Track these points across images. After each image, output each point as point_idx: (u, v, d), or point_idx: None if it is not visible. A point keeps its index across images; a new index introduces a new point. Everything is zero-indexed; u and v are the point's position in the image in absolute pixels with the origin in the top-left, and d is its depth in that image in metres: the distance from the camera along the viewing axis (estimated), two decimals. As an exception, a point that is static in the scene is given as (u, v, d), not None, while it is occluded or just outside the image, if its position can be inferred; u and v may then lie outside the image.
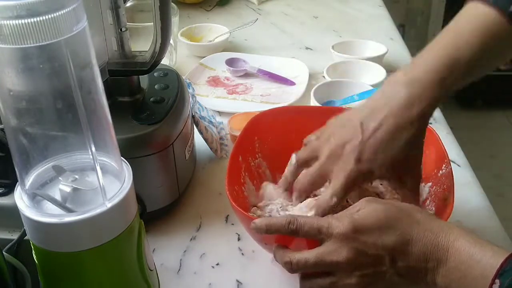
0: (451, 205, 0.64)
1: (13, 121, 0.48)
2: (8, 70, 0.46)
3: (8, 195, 0.66)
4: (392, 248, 0.55)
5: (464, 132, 1.79)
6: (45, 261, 0.53)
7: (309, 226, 0.58)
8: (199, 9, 1.61)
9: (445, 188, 0.69)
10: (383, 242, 0.55)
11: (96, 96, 0.50)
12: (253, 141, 0.81)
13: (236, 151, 0.76)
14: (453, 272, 0.53)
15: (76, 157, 0.53)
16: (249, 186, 0.78)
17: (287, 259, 0.59)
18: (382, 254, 0.55)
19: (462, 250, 0.53)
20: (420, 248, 0.55)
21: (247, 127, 0.80)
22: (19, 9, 0.42)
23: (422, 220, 0.56)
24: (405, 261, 0.55)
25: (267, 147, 0.82)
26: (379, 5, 1.61)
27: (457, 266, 0.53)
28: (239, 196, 0.73)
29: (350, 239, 0.56)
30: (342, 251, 0.56)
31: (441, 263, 0.54)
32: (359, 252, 0.56)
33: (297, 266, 0.59)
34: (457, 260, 0.53)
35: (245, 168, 0.78)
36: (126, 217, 0.54)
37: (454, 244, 0.54)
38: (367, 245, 0.56)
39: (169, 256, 0.77)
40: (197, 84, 1.19)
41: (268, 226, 0.60)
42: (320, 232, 0.57)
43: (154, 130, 0.74)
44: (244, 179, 0.77)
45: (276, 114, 0.84)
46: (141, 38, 0.98)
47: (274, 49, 1.36)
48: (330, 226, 0.57)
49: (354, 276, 0.56)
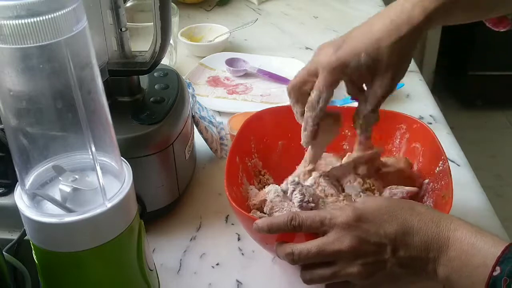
0: (450, 202, 0.64)
1: (13, 121, 0.48)
2: (8, 70, 0.46)
3: (8, 195, 0.66)
4: (394, 236, 0.55)
5: (464, 132, 1.79)
6: (45, 261, 0.53)
7: (311, 220, 0.58)
8: (199, 9, 1.61)
9: (443, 185, 0.69)
10: (385, 230, 0.56)
11: (96, 96, 0.50)
12: (249, 141, 0.81)
13: (233, 152, 0.76)
14: (454, 261, 0.53)
15: (76, 157, 0.53)
16: (246, 187, 0.78)
17: (289, 250, 0.59)
18: (384, 242, 0.56)
19: (463, 240, 0.53)
20: (421, 237, 0.55)
21: (243, 128, 0.80)
22: (19, 9, 0.42)
23: (423, 211, 0.57)
24: (406, 250, 0.55)
25: (263, 147, 0.82)
26: (379, 5, 1.61)
27: (458, 255, 0.53)
28: (238, 196, 0.73)
29: (353, 228, 0.56)
30: (344, 240, 0.56)
31: (442, 253, 0.54)
32: (361, 240, 0.56)
33: (299, 257, 0.58)
34: (458, 249, 0.53)
35: (242, 168, 0.78)
36: (126, 217, 0.54)
37: (455, 234, 0.54)
38: (369, 233, 0.56)
39: (169, 256, 0.77)
40: (197, 84, 1.19)
41: (269, 226, 0.60)
42: (323, 224, 0.58)
43: (154, 130, 0.74)
44: (241, 179, 0.77)
45: (271, 114, 0.84)
46: (141, 38, 0.98)
47: (274, 49, 1.36)
48: (332, 217, 0.57)
49: (356, 264, 0.57)
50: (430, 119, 1.04)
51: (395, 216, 0.56)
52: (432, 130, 0.76)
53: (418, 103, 1.07)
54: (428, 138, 0.76)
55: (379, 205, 0.58)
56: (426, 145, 0.77)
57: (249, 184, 0.78)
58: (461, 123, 2.30)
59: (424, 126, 0.78)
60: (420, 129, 0.78)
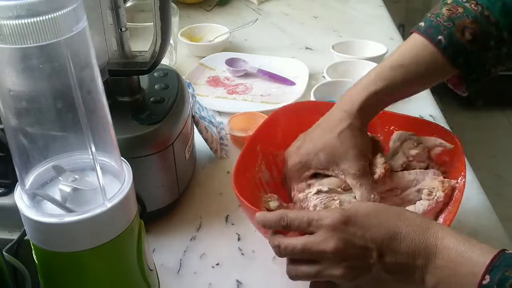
0: (454, 212, 0.64)
1: (13, 121, 0.48)
2: (8, 70, 0.46)
3: (8, 195, 0.66)
4: (381, 241, 0.56)
5: (464, 132, 1.79)
6: (45, 261, 0.53)
7: (299, 220, 0.59)
8: (199, 9, 1.61)
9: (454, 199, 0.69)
10: (371, 235, 0.56)
11: (96, 96, 0.50)
12: (276, 133, 0.83)
13: (253, 142, 0.78)
14: (442, 270, 0.53)
15: (76, 157, 0.53)
16: (265, 174, 0.79)
17: (276, 243, 0.60)
18: (370, 246, 0.56)
19: (451, 248, 0.53)
20: (408, 244, 0.55)
21: (269, 120, 0.83)
22: (19, 9, 0.42)
23: (411, 217, 0.57)
24: (393, 256, 0.55)
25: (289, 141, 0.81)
26: (379, 5, 1.61)
27: (446, 264, 0.53)
28: (251, 183, 0.75)
29: (340, 230, 0.57)
30: (330, 241, 0.56)
31: (429, 261, 0.54)
32: (347, 243, 0.56)
33: (285, 251, 0.59)
34: (446, 258, 0.53)
35: (261, 157, 0.80)
36: (126, 217, 0.54)
37: (443, 242, 0.54)
38: (356, 237, 0.56)
39: (169, 256, 0.77)
40: (197, 84, 1.19)
41: (263, 222, 0.62)
42: (310, 225, 0.58)
43: (154, 130, 0.74)
44: (259, 167, 0.79)
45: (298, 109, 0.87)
46: (141, 38, 0.98)
47: (274, 49, 1.36)
48: (320, 218, 0.58)
49: (340, 267, 0.57)
50: (430, 119, 1.04)
51: (383, 221, 0.56)
52: (459, 142, 0.75)
53: (418, 103, 1.07)
54: (457, 153, 0.75)
55: (368, 210, 0.58)
56: (454, 159, 0.75)
57: (268, 172, 0.80)
58: (461, 123, 2.31)
59: (455, 139, 0.76)
60: (449, 141, 0.77)
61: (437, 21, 0.71)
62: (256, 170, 0.79)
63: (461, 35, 0.69)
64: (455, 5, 0.71)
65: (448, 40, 0.69)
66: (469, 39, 0.69)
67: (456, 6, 0.71)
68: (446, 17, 0.70)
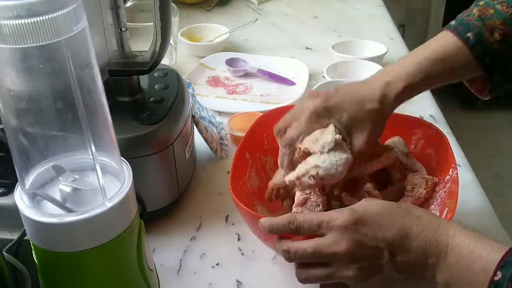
0: (453, 208, 0.64)
1: (13, 121, 0.48)
2: (8, 70, 0.46)
3: (8, 195, 0.66)
4: (392, 241, 0.55)
5: (465, 132, 1.79)
6: (45, 261, 0.53)
7: (309, 223, 0.58)
8: (199, 9, 1.61)
9: (449, 192, 0.69)
10: (383, 235, 0.56)
11: (96, 96, 0.50)
12: (262, 139, 0.82)
13: (242, 148, 0.77)
14: (454, 268, 0.53)
15: (76, 157, 0.53)
16: (254, 182, 0.78)
17: (285, 248, 0.59)
18: (382, 246, 0.56)
19: (462, 245, 0.53)
20: (419, 242, 0.55)
21: (255, 125, 0.81)
22: (19, 9, 0.42)
23: (422, 216, 0.57)
24: (404, 255, 0.55)
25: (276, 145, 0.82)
26: (379, 5, 1.61)
27: (457, 262, 0.53)
28: (244, 191, 0.74)
29: (351, 231, 0.56)
30: (341, 243, 0.56)
31: (441, 259, 0.54)
32: (358, 244, 0.56)
33: (295, 255, 0.59)
34: (457, 255, 0.53)
35: (251, 164, 0.78)
36: (126, 217, 0.54)
37: (454, 239, 0.54)
38: (367, 237, 0.56)
39: (169, 256, 0.77)
40: (197, 84, 1.19)
41: (270, 226, 0.61)
42: (320, 227, 0.58)
43: (154, 130, 0.74)
44: (249, 174, 0.78)
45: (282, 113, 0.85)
46: (141, 38, 0.98)
47: (274, 49, 1.36)
48: (330, 219, 0.57)
49: (351, 268, 0.57)
50: (430, 119, 1.04)
51: (394, 220, 0.56)
52: (445, 136, 0.76)
53: (418, 103, 1.07)
54: (441, 145, 0.76)
55: (378, 209, 0.57)
56: (439, 151, 0.76)
57: (257, 181, 0.79)
58: (461, 123, 2.30)
59: (439, 132, 0.77)
60: (434, 135, 0.78)
61: (467, 19, 0.71)
62: (247, 177, 0.77)
63: (490, 35, 0.70)
64: (486, 7, 0.71)
65: (477, 38, 0.70)
66: (497, 39, 0.70)
67: (487, 7, 0.71)
68: (476, 17, 0.71)
